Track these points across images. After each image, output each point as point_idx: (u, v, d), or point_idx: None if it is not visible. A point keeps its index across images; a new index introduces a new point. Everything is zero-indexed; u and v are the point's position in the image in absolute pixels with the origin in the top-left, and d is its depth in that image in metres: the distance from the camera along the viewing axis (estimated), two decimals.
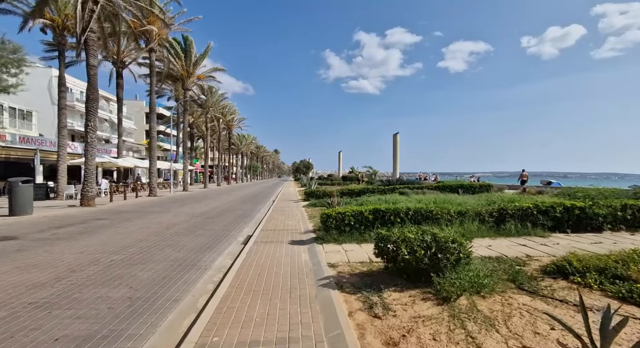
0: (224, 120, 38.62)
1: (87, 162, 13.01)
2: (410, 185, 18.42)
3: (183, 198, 19.78)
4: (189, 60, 24.09)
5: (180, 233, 8.30)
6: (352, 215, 6.81)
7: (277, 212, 12.76)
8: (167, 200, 18.10)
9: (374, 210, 6.90)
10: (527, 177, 22.95)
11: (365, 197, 15.01)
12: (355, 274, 4.69)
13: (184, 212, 12.64)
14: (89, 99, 13.08)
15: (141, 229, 8.73)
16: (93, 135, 13.33)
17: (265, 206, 16.04)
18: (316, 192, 18.06)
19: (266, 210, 14.03)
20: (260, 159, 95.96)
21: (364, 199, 14.15)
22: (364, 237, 6.73)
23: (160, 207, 14.48)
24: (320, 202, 14.81)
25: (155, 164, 19.65)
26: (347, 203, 13.50)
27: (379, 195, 16.45)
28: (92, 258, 5.80)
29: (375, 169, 28.15)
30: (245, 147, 58.80)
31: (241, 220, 10.94)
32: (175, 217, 11.16)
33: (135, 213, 12.07)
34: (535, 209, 6.80)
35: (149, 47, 18.38)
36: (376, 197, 14.35)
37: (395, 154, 31.75)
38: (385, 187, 18.25)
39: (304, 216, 11.57)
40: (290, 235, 8.00)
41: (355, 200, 14.12)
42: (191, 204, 16.08)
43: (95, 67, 13.10)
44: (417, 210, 6.91)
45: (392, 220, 6.84)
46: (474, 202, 10.32)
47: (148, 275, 4.92)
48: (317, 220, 10.16)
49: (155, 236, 7.85)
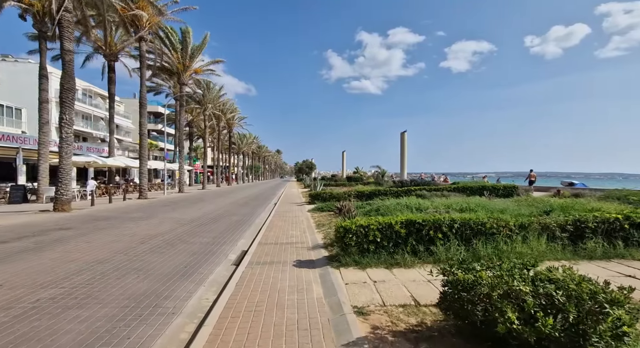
0: (224, 118, 36.95)
1: (61, 160, 11.35)
2: (426, 187, 16.67)
3: (176, 201, 18.11)
4: (185, 52, 22.44)
5: (156, 250, 6.59)
6: (379, 229, 5.09)
7: (279, 218, 11.07)
8: (157, 203, 16.44)
9: (406, 222, 5.17)
10: (535, 177, 22.22)
11: (378, 201, 13.28)
12: (402, 333, 2.95)
13: (171, 219, 10.96)
14: (63, 88, 11.44)
15: (108, 244, 7.02)
16: (69, 130, 11.69)
17: (265, 210, 14.36)
18: (322, 194, 16.35)
19: (267, 215, 12.34)
20: (262, 159, 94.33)
21: (379, 203, 12.42)
22: (394, 258, 5.00)
23: (145, 212, 12.81)
24: (327, 206, 13.10)
25: (145, 163, 18.03)
26: (359, 208, 11.79)
27: (394, 198, 14.73)
28: None
29: (384, 169, 26.39)
30: (246, 146, 57.09)
31: (236, 229, 9.24)
32: (158, 226, 9.46)
33: (112, 220, 10.40)
34: (627, 222, 5.05)
35: (138, 35, 16.75)
36: (392, 200, 12.63)
37: (402, 153, 30.09)
38: (398, 189, 16.50)
39: (311, 224, 9.85)
40: (295, 251, 6.30)
41: (368, 205, 12.40)
42: (183, 208, 14.40)
43: (71, 53, 11.47)
44: (464, 222, 5.17)
45: (431, 236, 5.11)
46: (514, 207, 8.57)
47: (67, 338, 3.02)
48: (327, 230, 8.45)
49: (122, 254, 6.15)
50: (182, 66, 22.92)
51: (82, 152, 24.54)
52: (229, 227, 9.52)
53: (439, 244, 5.07)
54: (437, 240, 5.09)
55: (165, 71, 23.87)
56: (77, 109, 37.87)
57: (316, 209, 13.24)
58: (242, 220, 11.16)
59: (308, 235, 8.12)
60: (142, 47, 17.37)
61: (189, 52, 22.70)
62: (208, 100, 29.47)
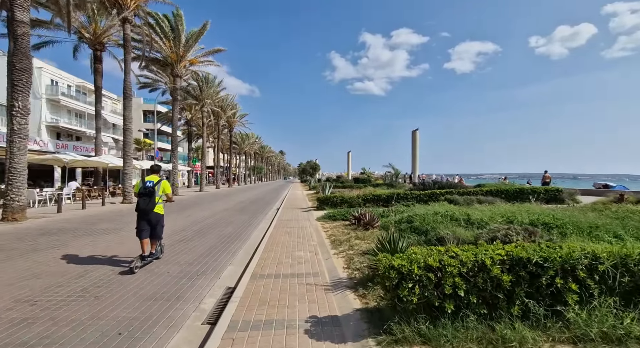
0: (224, 115, 34.77)
1: (12, 158, 9.10)
2: (453, 190, 14.32)
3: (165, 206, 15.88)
4: (177, 40, 20.30)
5: (89, 291, 4.33)
6: (462, 275, 2.79)
7: (282, 230, 8.81)
8: None
9: (510, 261, 2.87)
10: (550, 178, 21.40)
11: (401, 207, 10.98)
12: None
13: None
14: (14, 68, 9.24)
15: (19, 282, 4.71)
16: (22, 120, 9.50)
17: (266, 218, 12.12)
18: (332, 199, 14.07)
19: (267, 225, 10.09)
20: (265, 160, 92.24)
21: (403, 209, 10.12)
22: (492, 328, 2.71)
23: (119, 221, 10.57)
24: (340, 214, 10.81)
25: (130, 163, 15.87)
26: (382, 216, 9.49)
27: (418, 203, 12.42)
28: None
29: (397, 169, 24.03)
30: (248, 146, 54.90)
31: (226, 248, 6.98)
32: (121, 244, 7.21)
33: (65, 235, 8.07)
34: None
35: (122, 16, 14.63)
36: (419, 207, 10.32)
37: (414, 153, 27.81)
38: (421, 193, 14.19)
39: (323, 239, 7.57)
40: (306, 294, 4.03)
41: (392, 212, 10.11)
42: (168, 216, 12.16)
43: (25, 25, 9.32)
44: (625, 258, 2.86)
45: (558, 287, 2.79)
46: (607, 221, 6.23)
47: None
48: (347, 252, 6.17)
49: (25, 305, 3.88)
50: (176, 56, 20.77)
51: (66, 150, 22.49)
52: (217, 245, 7.27)
53: (572, 302, 2.77)
54: (568, 294, 2.78)
55: (157, 63, 21.75)
56: (70, 107, 35.97)
57: (326, 217, 10.97)
58: (235, 233, 8.90)
59: (322, 259, 5.84)
60: (127, 30, 15.22)
61: (183, 40, 20.53)
62: (206, 96, 27.29)
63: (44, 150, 21.26)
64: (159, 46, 20.17)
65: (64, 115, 34.74)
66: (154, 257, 5.79)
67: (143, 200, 5.42)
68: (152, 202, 5.48)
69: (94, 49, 20.10)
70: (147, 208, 5.40)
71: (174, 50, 20.57)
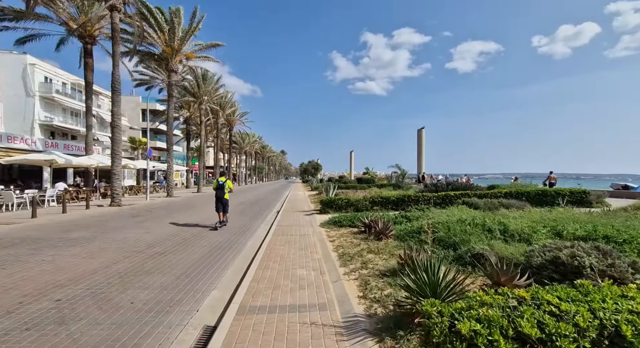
0: (223, 113, 33.62)
1: None
2: (469, 192, 13.12)
3: (155, 208, 14.74)
4: (172, 33, 19.16)
5: (17, 339, 3.21)
6: None
7: (282, 238, 7.65)
8: (126, 213, 13.02)
9: None
10: (556, 179, 20.96)
11: (416, 212, 9.79)
12: None
13: (123, 241, 7.58)
14: None
15: None
16: None
17: (264, 223, 10.97)
18: (336, 201, 12.91)
19: (264, 232, 8.95)
20: (266, 160, 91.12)
21: (417, 215, 8.95)
22: None
23: (96, 228, 9.34)
24: (346, 219, 9.64)
25: (119, 162, 14.75)
26: (395, 222, 8.32)
27: (435, 207, 11.24)
28: None
29: (404, 169, 22.81)
30: (248, 146, 53.72)
31: (213, 264, 5.83)
32: (91, 259, 6.06)
33: (26, 247, 6.70)
34: None
35: (109, 3, 13.51)
36: (436, 212, 9.17)
37: (420, 152, 26.64)
38: (434, 195, 13.01)
39: (329, 252, 6.40)
40: (311, 343, 2.88)
41: (405, 218, 8.95)
42: (154, 220, 11.05)
43: None
44: None
45: None
46: None
47: None
48: (360, 270, 5.02)
49: None
50: (171, 50, 19.64)
51: (56, 149, 21.41)
52: (204, 259, 6.12)
53: None
54: None
55: (152, 57, 20.61)
56: (66, 105, 34.95)
57: (331, 223, 9.81)
58: (228, 241, 7.74)
59: (329, 281, 4.69)
60: (115, 19, 14.08)
61: (178, 33, 19.38)
62: (204, 93, 26.15)
63: (32, 150, 20.20)
64: (153, 39, 19.06)
65: (59, 113, 33.75)
66: (224, 224, 9.63)
67: (218, 192, 9.36)
68: (222, 192, 9.32)
69: (84, 42, 19.00)
70: (220, 196, 9.29)
71: (168, 44, 19.44)
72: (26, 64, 30.49)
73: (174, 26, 19.13)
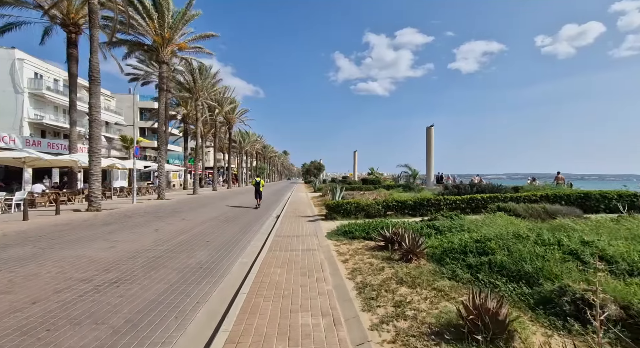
0: (221, 110, 31.92)
1: None
2: (499, 195, 11.31)
3: (137, 214, 13.00)
4: (162, 19, 17.50)
5: None
6: None
7: (279, 257, 5.91)
8: (100, 220, 11.14)
9: None
10: (564, 180, 20.33)
11: (447, 222, 8.03)
12: None
13: (75, 258, 5.90)
14: None
15: None
16: None
17: (260, 232, 9.24)
18: (344, 206, 11.17)
19: (258, 245, 7.24)
20: (268, 160, 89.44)
21: (460, 228, 7.20)
22: None
23: (51, 241, 7.63)
24: (359, 229, 7.88)
25: (98, 161, 13.06)
26: (425, 234, 6.57)
27: (463, 213, 9.50)
28: None
29: (415, 169, 21.02)
30: (249, 145, 51.97)
31: (176, 306, 4.09)
32: (21, 289, 4.41)
33: None
34: None
35: None
36: (478, 223, 7.43)
37: (429, 151, 24.94)
38: (457, 198, 11.25)
39: (343, 281, 4.64)
40: None
41: (434, 231, 7.20)
42: (128, 230, 9.33)
43: None
44: None
45: None
46: None
47: None
48: (394, 319, 3.22)
49: None
50: (161, 39, 17.98)
51: (39, 148, 19.83)
52: (168, 292, 4.38)
53: None
54: None
55: (141, 47, 18.96)
56: (58, 103, 33.35)
57: (340, 233, 8.06)
58: (209, 263, 6.01)
59: (349, 341, 2.95)
60: None
61: (169, 20, 17.71)
62: (200, 88, 24.50)
63: (8, 148, 18.60)
64: (142, 28, 17.40)
65: (50, 111, 32.21)
66: (259, 206, 15.40)
67: (256, 186, 15.71)
68: (259, 186, 15.60)
69: (68, 31, 17.41)
70: (257, 189, 15.56)
71: (158, 33, 17.80)
72: (14, 59, 28.99)
73: (162, 11, 17.43)
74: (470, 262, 4.60)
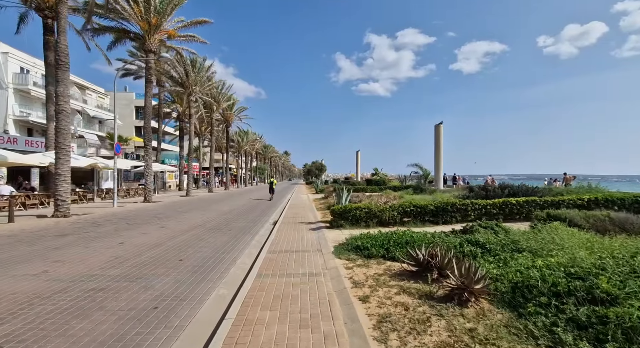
0: (218, 107, 30.15)
1: None
2: (538, 199, 9.52)
3: (109, 221, 11.21)
4: (148, 3, 15.80)
5: None
6: None
7: (270, 287, 4.12)
8: (56, 230, 8.89)
9: None
10: (570, 180, 19.88)
11: (492, 238, 6.26)
12: None
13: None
14: None
15: None
16: None
17: (250, 245, 7.47)
18: (352, 211, 9.40)
19: (246, 266, 5.48)
20: (269, 161, 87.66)
21: (508, 246, 5.44)
22: None
23: None
24: (376, 243, 6.12)
25: (66, 159, 11.33)
26: (468, 255, 4.82)
27: (497, 220, 7.75)
28: None
29: (426, 169, 19.25)
30: (248, 145, 50.14)
31: None
32: None
33: None
34: None
35: None
36: (537, 238, 5.66)
37: (438, 150, 23.14)
38: (487, 203, 9.48)
39: (368, 343, 2.89)
40: None
41: (481, 249, 5.42)
42: (84, 244, 7.59)
43: None
44: None
45: None
46: None
47: None
48: None
49: None
50: (147, 25, 16.28)
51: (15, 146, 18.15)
52: None
53: None
54: None
55: (126, 35, 17.24)
56: (42, 99, 31.83)
57: (350, 249, 6.30)
58: (172, 296, 4.23)
59: None
60: None
61: (155, 3, 15.99)
62: (193, 82, 22.78)
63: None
64: (125, 11, 15.67)
65: (37, 108, 30.53)
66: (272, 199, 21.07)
67: (271, 184, 22.30)
68: (272, 184, 22.26)
69: (43, 16, 15.74)
70: (271, 186, 22.09)
71: (144, 18, 16.10)
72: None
73: None
74: (574, 315, 2.82)
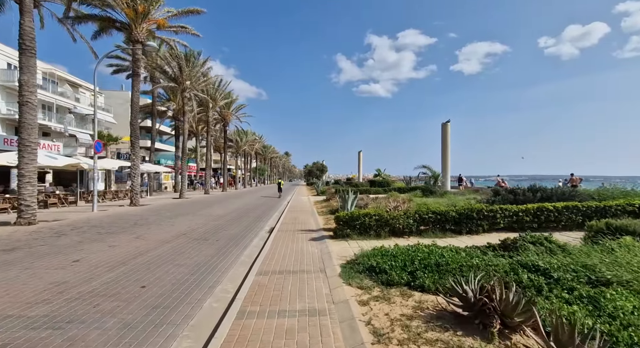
0: (215, 105, 28.76)
1: None
2: (581, 205, 8.11)
3: (80, 229, 9.68)
4: None
5: None
6: None
7: (253, 336, 2.77)
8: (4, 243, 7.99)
9: None
10: (577, 181, 19.24)
11: (552, 260, 4.81)
12: None
13: None
14: None
15: None
16: None
17: (237, 262, 6.06)
18: (361, 219, 7.99)
19: (224, 303, 4.08)
20: (269, 161, 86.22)
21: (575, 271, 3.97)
22: None
23: None
24: (396, 265, 4.72)
25: (32, 157, 9.96)
26: (537, 289, 3.40)
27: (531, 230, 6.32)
28: None
29: (435, 171, 17.83)
30: (246, 145, 48.70)
31: None
32: None
33: None
34: None
35: None
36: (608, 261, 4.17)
37: (445, 150, 21.85)
38: (519, 209, 8.08)
39: None
40: None
41: (542, 277, 3.98)
42: (27, 264, 6.21)
43: None
44: None
45: None
46: None
47: None
48: None
49: None
50: (134, 13, 14.94)
51: None
52: None
53: None
54: None
55: (112, 24, 15.87)
56: None
57: (363, 270, 4.91)
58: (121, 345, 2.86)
59: None
60: None
61: None
62: (187, 77, 21.42)
63: None
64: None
65: None
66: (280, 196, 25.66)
67: (278, 185, 28.09)
68: (280, 184, 28.06)
69: (18, 1, 14.33)
70: (281, 187, 27.70)
71: (130, 5, 14.75)
72: None
73: None
74: None
